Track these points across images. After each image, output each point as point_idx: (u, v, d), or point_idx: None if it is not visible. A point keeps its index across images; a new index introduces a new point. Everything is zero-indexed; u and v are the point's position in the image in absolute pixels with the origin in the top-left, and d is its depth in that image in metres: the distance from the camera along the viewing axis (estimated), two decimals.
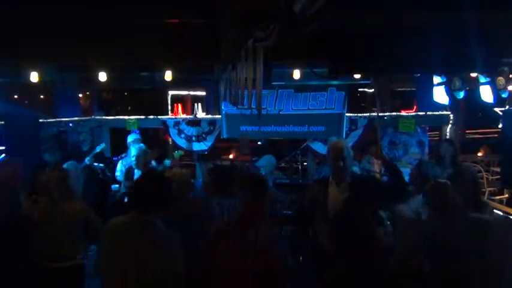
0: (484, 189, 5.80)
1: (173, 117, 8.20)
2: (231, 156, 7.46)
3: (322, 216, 3.28)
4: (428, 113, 7.54)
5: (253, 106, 3.61)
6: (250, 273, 2.64)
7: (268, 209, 2.94)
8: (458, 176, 3.71)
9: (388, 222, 3.33)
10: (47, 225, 3.52)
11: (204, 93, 9.35)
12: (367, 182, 3.41)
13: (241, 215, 2.84)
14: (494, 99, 6.12)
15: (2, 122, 7.46)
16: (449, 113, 7.60)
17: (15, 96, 10.95)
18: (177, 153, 7.02)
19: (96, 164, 6.69)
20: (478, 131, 10.81)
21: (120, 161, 6.41)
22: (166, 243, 2.67)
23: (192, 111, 8.38)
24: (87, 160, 6.56)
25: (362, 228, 2.74)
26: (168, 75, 6.57)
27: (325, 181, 3.60)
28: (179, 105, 8.89)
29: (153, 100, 11.30)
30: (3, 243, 3.32)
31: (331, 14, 3.15)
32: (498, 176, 7.90)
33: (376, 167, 6.32)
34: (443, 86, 7.17)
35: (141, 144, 6.12)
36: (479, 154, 8.48)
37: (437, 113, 7.56)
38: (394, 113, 7.92)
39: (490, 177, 8.21)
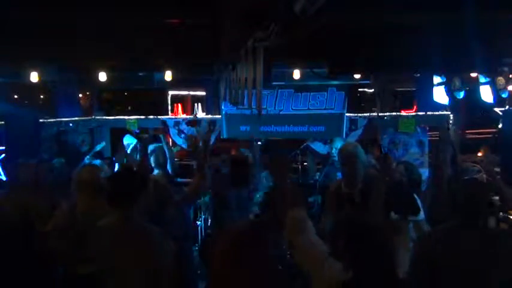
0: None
1: (173, 117, 8.20)
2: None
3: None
4: (428, 113, 7.54)
5: (253, 106, 3.60)
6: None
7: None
8: (458, 177, 3.71)
9: None
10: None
11: (204, 93, 9.35)
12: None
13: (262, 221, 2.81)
14: (494, 99, 6.13)
15: (2, 122, 7.45)
16: (449, 113, 7.59)
17: (15, 96, 10.96)
18: (174, 149, 7.03)
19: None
20: (478, 131, 10.80)
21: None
22: (148, 238, 2.69)
23: (192, 111, 8.38)
24: (86, 159, 6.55)
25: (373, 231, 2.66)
26: (168, 75, 6.57)
27: (339, 185, 3.51)
28: (179, 105, 8.89)
29: (153, 100, 11.31)
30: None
31: (331, 14, 3.15)
32: (498, 176, 7.87)
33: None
34: (443, 86, 7.18)
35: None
36: (479, 154, 8.47)
37: (437, 113, 7.56)
38: (394, 113, 7.92)
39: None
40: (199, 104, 8.49)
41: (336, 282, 2.08)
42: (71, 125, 7.82)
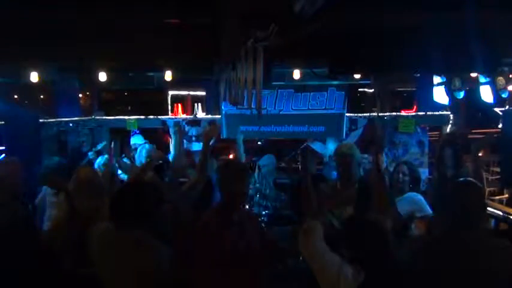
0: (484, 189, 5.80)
1: (173, 117, 8.20)
2: (231, 156, 7.46)
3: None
4: (428, 113, 7.54)
5: (253, 106, 3.60)
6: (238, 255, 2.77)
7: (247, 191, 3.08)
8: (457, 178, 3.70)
9: None
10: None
11: (204, 93, 9.35)
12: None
13: (223, 203, 2.96)
14: (494, 99, 6.13)
15: (2, 122, 7.45)
16: (449, 113, 7.59)
17: (15, 96, 10.95)
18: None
19: None
20: (478, 131, 10.80)
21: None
22: (143, 245, 2.54)
23: (192, 111, 8.38)
24: (90, 155, 6.60)
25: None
26: (168, 75, 6.57)
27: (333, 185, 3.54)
28: (179, 105, 8.89)
29: (153, 100, 11.31)
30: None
31: (331, 14, 3.15)
32: (498, 176, 7.90)
33: None
34: (443, 86, 7.18)
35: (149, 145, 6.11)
36: (479, 154, 8.46)
37: (437, 113, 7.55)
38: (394, 113, 7.92)
39: (490, 177, 8.22)
40: (199, 104, 8.49)
41: None
42: (71, 125, 7.82)
